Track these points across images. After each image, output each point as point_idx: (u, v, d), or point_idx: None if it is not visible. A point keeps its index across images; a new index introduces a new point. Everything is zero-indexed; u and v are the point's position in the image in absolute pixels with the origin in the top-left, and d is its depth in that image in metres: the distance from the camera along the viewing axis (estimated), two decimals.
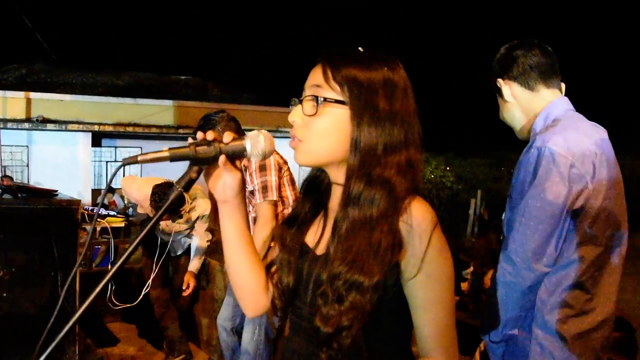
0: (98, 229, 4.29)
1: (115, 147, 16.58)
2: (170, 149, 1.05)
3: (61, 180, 11.42)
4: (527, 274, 1.57)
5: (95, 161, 15.69)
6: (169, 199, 1.05)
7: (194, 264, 4.06)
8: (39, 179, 12.36)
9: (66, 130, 13.20)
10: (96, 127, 13.30)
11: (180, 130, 13.98)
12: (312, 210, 1.23)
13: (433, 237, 1.03)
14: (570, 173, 1.55)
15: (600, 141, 1.64)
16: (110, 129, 13.66)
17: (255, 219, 2.96)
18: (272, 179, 2.89)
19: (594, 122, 1.74)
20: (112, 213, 3.91)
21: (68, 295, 3.07)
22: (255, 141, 1.08)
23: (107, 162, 16.58)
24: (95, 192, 14.99)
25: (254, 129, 1.12)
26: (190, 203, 3.88)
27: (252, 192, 2.96)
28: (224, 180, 1.13)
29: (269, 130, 1.10)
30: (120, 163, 1.01)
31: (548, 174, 1.55)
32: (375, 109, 1.07)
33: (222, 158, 1.07)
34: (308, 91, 1.11)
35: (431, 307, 1.06)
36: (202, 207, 4.05)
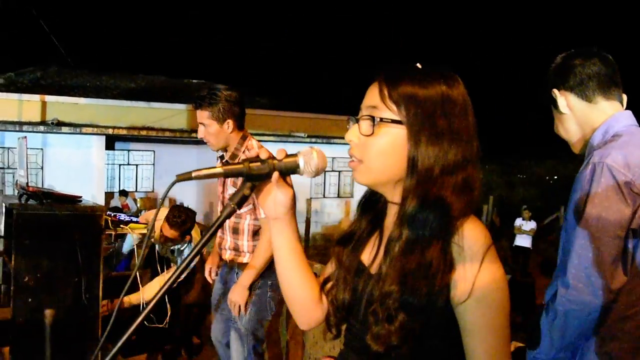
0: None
1: (129, 150, 16.67)
2: (223, 165, 1.04)
3: (75, 182, 11.49)
4: (591, 299, 1.46)
5: (108, 164, 15.78)
6: (222, 216, 1.04)
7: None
8: (53, 181, 12.44)
9: (80, 133, 13.29)
10: (110, 131, 13.39)
11: (194, 135, 14.01)
12: (368, 228, 1.21)
13: (485, 260, 1.01)
14: (629, 191, 1.45)
15: None
16: (124, 132, 13.75)
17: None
18: None
19: None
20: (134, 219, 3.91)
21: (92, 301, 3.08)
22: (308, 158, 1.07)
23: (120, 165, 16.67)
24: (108, 195, 15.06)
25: (266, 134, 1.11)
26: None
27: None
28: (275, 197, 1.12)
29: (280, 135, 1.08)
30: (175, 180, 1.01)
31: (607, 192, 1.45)
32: (433, 128, 1.04)
33: (275, 175, 1.07)
34: (364, 111, 1.09)
35: (480, 333, 1.03)
36: (195, 239, 4.04)
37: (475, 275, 1.00)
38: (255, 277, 2.74)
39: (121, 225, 3.75)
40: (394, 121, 1.05)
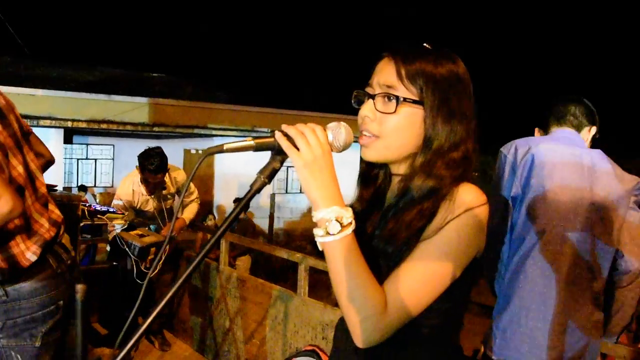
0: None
1: (87, 144, 16.27)
2: (254, 138, 1.04)
3: None
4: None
5: (66, 158, 15.36)
6: (252, 189, 1.03)
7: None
8: None
9: (38, 126, 12.86)
10: (69, 124, 12.99)
11: (155, 128, 13.78)
12: (369, 201, 1.25)
13: (466, 214, 1.05)
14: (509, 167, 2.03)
15: (550, 145, 2.05)
16: (84, 125, 13.36)
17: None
18: None
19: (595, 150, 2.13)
20: (111, 209, 3.82)
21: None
22: (337, 132, 1.08)
23: (78, 159, 16.25)
24: (66, 190, 14.66)
25: (229, 129, 1.11)
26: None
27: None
28: None
29: (243, 130, 1.06)
30: (205, 153, 1.00)
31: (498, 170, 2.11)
32: (447, 108, 1.11)
33: None
34: (379, 88, 1.12)
35: (411, 262, 1.05)
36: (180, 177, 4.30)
37: (449, 221, 1.05)
38: None
39: (98, 215, 3.67)
40: (414, 101, 1.10)
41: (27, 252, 1.82)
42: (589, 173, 1.99)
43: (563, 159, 2.00)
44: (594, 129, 2.21)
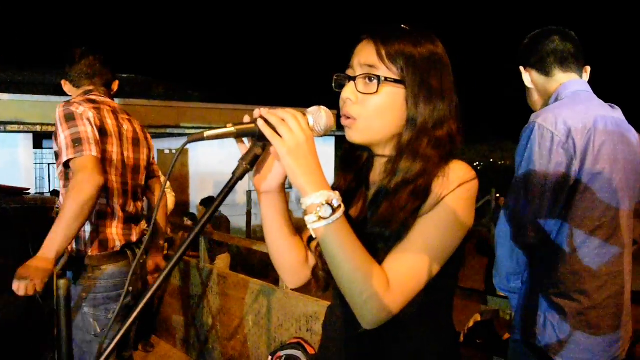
0: None
1: None
2: (235, 124, 1.02)
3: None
4: (520, 239, 1.70)
5: (37, 164, 15.06)
6: (235, 176, 1.01)
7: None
8: None
9: (5, 131, 12.58)
10: (38, 128, 12.71)
11: None
12: (353, 184, 1.24)
13: (460, 188, 1.06)
14: (557, 147, 1.64)
15: (601, 118, 1.69)
16: (54, 129, 13.09)
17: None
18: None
19: (608, 104, 1.79)
20: None
21: (46, 299, 2.93)
22: (317, 117, 1.07)
23: (49, 164, 15.94)
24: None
25: (202, 127, 1.09)
26: None
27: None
28: (273, 168, 1.15)
29: (217, 128, 1.03)
30: (187, 141, 0.97)
31: (537, 148, 1.66)
32: (429, 87, 1.11)
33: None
34: (360, 69, 1.12)
35: (409, 239, 1.05)
36: None
37: (444, 197, 1.06)
38: (63, 243, 2.07)
39: None
40: (396, 81, 1.10)
41: (116, 237, 2.35)
42: (629, 141, 1.78)
43: (614, 133, 1.71)
44: (588, 69, 1.90)
